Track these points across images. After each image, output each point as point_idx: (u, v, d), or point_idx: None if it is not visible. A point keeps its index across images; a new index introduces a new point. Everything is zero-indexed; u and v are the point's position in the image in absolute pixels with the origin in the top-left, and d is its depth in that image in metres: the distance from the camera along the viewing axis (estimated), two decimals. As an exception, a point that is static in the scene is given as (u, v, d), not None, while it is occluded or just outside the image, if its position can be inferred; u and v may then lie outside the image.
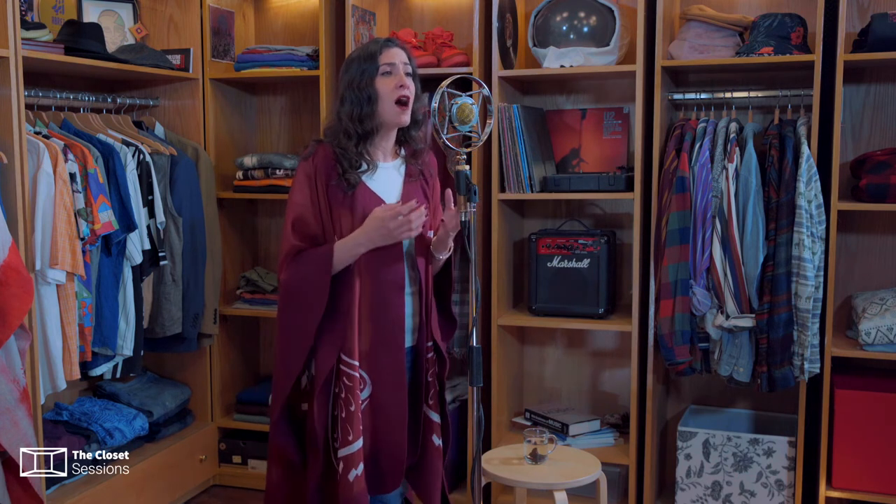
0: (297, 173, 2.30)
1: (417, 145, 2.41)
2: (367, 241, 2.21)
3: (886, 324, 2.95)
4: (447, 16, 3.71)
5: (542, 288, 3.34)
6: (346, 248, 2.22)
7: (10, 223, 2.65)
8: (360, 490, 2.25)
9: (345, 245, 2.22)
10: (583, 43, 3.23)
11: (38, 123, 3.05)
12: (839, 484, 3.05)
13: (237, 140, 3.92)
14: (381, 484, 2.34)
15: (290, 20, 3.95)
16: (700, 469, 3.18)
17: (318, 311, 2.22)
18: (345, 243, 2.22)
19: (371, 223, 2.20)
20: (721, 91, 3.23)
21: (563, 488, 2.69)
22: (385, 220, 2.18)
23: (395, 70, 2.27)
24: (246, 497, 3.71)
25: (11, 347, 2.55)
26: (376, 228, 2.19)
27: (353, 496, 2.24)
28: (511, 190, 3.30)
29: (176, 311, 3.40)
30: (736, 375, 3.03)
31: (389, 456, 2.33)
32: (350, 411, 2.25)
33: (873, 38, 2.90)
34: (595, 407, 3.66)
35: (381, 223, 2.19)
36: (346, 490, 2.24)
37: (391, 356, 2.30)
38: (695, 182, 3.00)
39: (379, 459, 2.33)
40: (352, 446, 2.24)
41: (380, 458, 2.33)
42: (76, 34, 3.13)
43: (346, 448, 2.24)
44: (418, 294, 2.36)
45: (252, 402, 3.78)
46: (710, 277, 3.00)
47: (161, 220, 3.30)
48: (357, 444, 2.25)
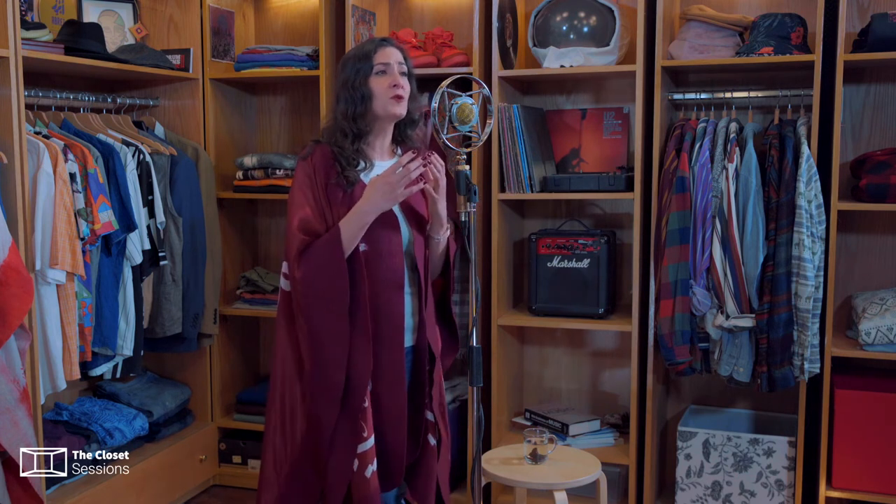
0: (297, 174, 2.30)
1: (414, 144, 2.41)
2: (370, 206, 2.19)
3: (886, 324, 2.95)
4: (447, 16, 3.71)
5: (542, 288, 3.34)
6: (352, 221, 2.20)
7: (10, 223, 2.65)
8: (376, 487, 2.26)
9: (349, 219, 2.20)
10: (583, 43, 3.23)
11: (38, 123, 3.05)
12: (839, 484, 3.05)
13: (237, 140, 3.92)
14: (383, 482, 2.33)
15: (290, 20, 3.95)
16: (700, 469, 3.18)
17: (345, 298, 2.20)
18: (349, 217, 2.20)
19: (371, 188, 2.19)
20: (721, 91, 3.23)
21: (563, 488, 2.69)
22: (384, 176, 2.17)
23: (389, 69, 2.27)
24: (246, 497, 3.71)
25: (11, 347, 2.55)
26: (378, 189, 2.18)
27: (370, 494, 2.24)
28: (511, 190, 3.30)
29: (176, 311, 3.40)
30: (736, 375, 3.03)
31: (390, 454, 2.32)
32: (363, 408, 2.25)
33: (873, 38, 2.90)
34: (595, 407, 3.66)
35: (381, 182, 2.17)
36: (363, 487, 2.24)
37: (391, 355, 2.30)
38: (695, 182, 3.00)
39: (380, 458, 2.32)
40: (367, 443, 2.25)
41: (381, 457, 2.32)
42: (76, 34, 3.13)
43: (362, 444, 2.25)
44: (417, 294, 2.36)
45: (252, 402, 3.78)
46: (710, 277, 3.00)
47: (161, 220, 3.30)
48: (371, 441, 2.25)
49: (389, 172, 2.18)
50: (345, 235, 2.19)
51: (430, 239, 2.39)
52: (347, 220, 2.20)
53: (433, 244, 2.40)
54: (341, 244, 2.18)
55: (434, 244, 2.40)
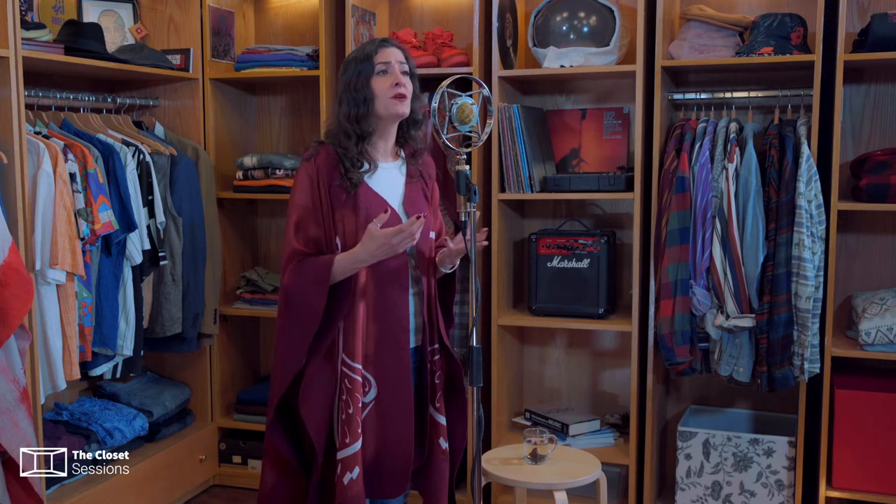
0: (299, 174, 2.29)
1: (417, 145, 2.41)
2: (369, 257, 2.19)
3: (886, 324, 2.95)
4: (447, 16, 3.71)
5: (542, 288, 3.34)
6: (347, 262, 2.20)
7: (10, 223, 2.65)
8: (356, 493, 2.23)
9: (346, 259, 2.20)
10: (583, 43, 3.23)
11: (38, 123, 3.05)
12: (839, 484, 3.05)
13: (237, 140, 3.92)
14: (386, 487, 2.32)
15: (290, 20, 3.95)
16: (700, 469, 3.18)
17: (315, 320, 2.21)
18: (346, 258, 2.20)
19: (372, 242, 2.16)
20: (721, 91, 3.23)
21: (563, 488, 2.69)
22: (388, 236, 2.14)
23: (390, 69, 2.27)
24: (246, 497, 3.71)
25: (11, 347, 2.55)
26: (379, 246, 2.16)
27: (348, 499, 2.22)
28: (511, 190, 3.30)
29: (176, 311, 3.39)
30: (736, 375, 3.03)
31: (395, 459, 2.31)
32: (349, 414, 2.24)
33: (873, 38, 2.90)
34: (595, 407, 3.67)
35: (383, 240, 2.14)
36: (341, 493, 2.23)
37: (395, 357, 2.30)
38: (695, 182, 3.00)
39: (384, 462, 2.31)
40: (349, 449, 2.23)
41: (385, 461, 2.31)
42: (76, 34, 3.13)
43: (343, 450, 2.24)
44: (421, 294, 2.36)
45: (252, 402, 3.78)
46: (710, 277, 3.00)
47: (161, 220, 3.30)
48: (355, 447, 2.24)
49: (392, 234, 2.14)
50: (336, 269, 2.20)
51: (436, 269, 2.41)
52: (344, 259, 2.20)
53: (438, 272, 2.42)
54: (329, 273, 2.19)
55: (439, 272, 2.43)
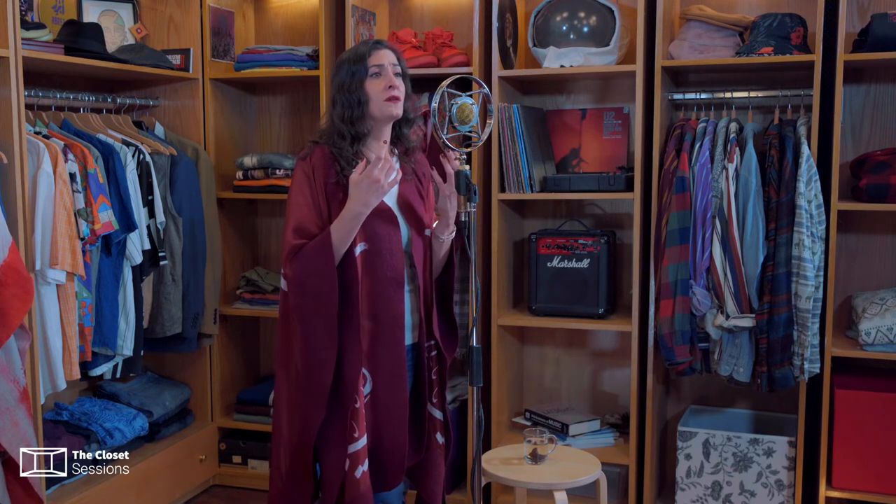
0: (296, 174, 2.30)
1: (409, 143, 2.42)
2: (360, 205, 2.17)
3: (886, 324, 2.95)
4: (447, 16, 3.71)
5: (542, 288, 3.34)
6: (343, 223, 2.19)
7: (10, 223, 2.65)
8: (367, 487, 2.26)
9: (340, 222, 2.19)
10: (583, 43, 3.23)
11: (38, 123, 3.05)
12: (839, 484, 3.05)
13: (237, 140, 3.92)
14: (382, 482, 2.34)
15: (290, 20, 3.95)
16: (700, 469, 3.18)
17: (333, 295, 2.19)
18: (339, 220, 2.19)
19: (357, 188, 2.16)
20: (721, 91, 3.23)
21: (563, 488, 2.69)
22: (367, 173, 2.14)
23: (383, 71, 2.28)
24: (246, 497, 3.71)
25: (11, 347, 2.55)
26: (364, 189, 2.15)
27: (360, 493, 2.24)
28: (511, 190, 3.30)
29: (176, 311, 3.40)
30: (736, 375, 3.03)
31: (390, 453, 2.33)
32: (355, 408, 2.25)
33: (873, 38, 2.90)
34: (595, 407, 3.66)
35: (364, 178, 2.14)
36: (353, 487, 2.24)
37: (391, 353, 2.30)
38: (695, 182, 3.00)
39: (380, 457, 2.33)
40: (357, 443, 2.25)
41: (381, 456, 2.33)
42: (76, 34, 3.13)
43: (353, 444, 2.25)
44: (416, 291, 2.37)
45: (252, 402, 3.78)
46: (710, 277, 3.00)
47: (161, 220, 3.30)
48: (362, 441, 2.25)
49: (371, 169, 2.15)
50: (336, 238, 2.18)
51: (435, 238, 2.39)
52: (339, 223, 2.19)
53: (437, 244, 2.40)
54: (332, 247, 2.18)
55: (438, 244, 2.40)
